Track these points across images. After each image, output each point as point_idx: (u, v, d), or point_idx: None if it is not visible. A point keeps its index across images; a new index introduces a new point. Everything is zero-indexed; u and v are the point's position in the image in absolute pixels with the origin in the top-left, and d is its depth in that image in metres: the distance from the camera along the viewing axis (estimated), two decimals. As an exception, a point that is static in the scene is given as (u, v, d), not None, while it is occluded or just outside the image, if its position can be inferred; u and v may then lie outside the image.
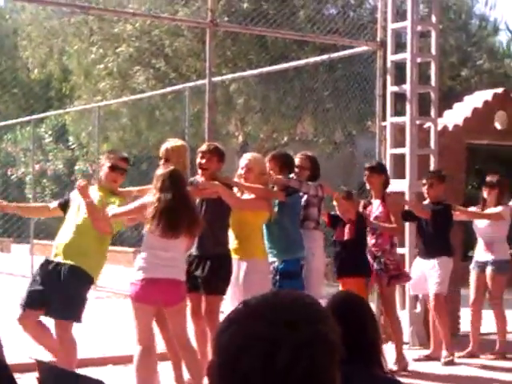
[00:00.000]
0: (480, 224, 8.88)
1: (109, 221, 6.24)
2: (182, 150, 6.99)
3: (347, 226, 7.80)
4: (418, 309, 9.37)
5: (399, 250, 8.72)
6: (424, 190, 8.53)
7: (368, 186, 8.35)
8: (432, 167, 9.37)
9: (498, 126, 10.39)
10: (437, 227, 8.29)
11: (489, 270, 8.73)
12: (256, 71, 13.10)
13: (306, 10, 14.90)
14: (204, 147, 7.08)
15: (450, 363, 8.27)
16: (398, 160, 9.45)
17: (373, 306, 8.02)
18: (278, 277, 7.05)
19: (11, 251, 21.83)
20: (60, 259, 6.32)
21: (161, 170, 6.18)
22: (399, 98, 9.89)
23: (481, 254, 8.86)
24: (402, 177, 9.25)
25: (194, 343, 6.87)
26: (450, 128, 10.11)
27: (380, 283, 8.06)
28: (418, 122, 9.51)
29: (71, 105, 19.24)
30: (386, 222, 8.00)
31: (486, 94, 10.61)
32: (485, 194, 8.84)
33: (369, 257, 8.00)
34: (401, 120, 9.56)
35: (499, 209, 8.71)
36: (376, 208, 8.09)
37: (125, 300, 6.43)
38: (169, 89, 14.26)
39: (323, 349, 1.38)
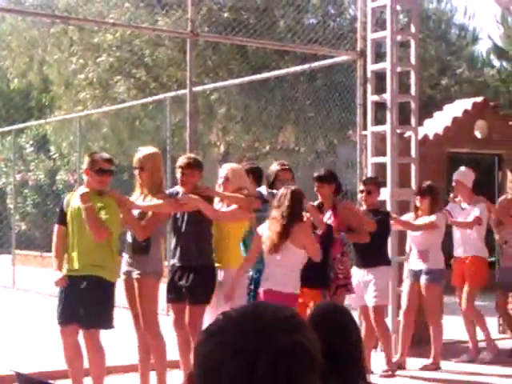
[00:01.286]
0: (414, 232, 8.68)
1: (104, 226, 6.37)
2: (155, 157, 6.97)
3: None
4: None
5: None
6: (360, 198, 8.37)
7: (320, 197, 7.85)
8: (413, 176, 9.42)
9: (477, 134, 10.46)
10: (376, 236, 7.87)
11: (423, 279, 8.48)
12: (237, 81, 13.12)
13: (286, 19, 14.95)
14: (182, 161, 7.02)
15: (389, 376, 8.07)
16: (380, 169, 9.48)
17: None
18: (252, 286, 7.04)
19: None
20: (80, 271, 6.47)
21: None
22: (380, 107, 9.94)
23: (414, 262, 8.62)
24: (383, 186, 9.29)
25: (177, 354, 6.89)
26: (431, 137, 10.17)
27: (328, 292, 7.62)
28: (398, 131, 9.55)
29: (52, 115, 19.16)
30: (336, 232, 7.67)
31: (466, 103, 10.68)
32: (417, 202, 8.62)
33: None
34: (381, 129, 9.60)
35: (433, 218, 8.43)
36: (328, 218, 7.71)
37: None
38: (150, 98, 14.25)
39: (301, 359, 1.39)
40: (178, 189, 7.11)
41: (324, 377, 1.44)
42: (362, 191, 8.36)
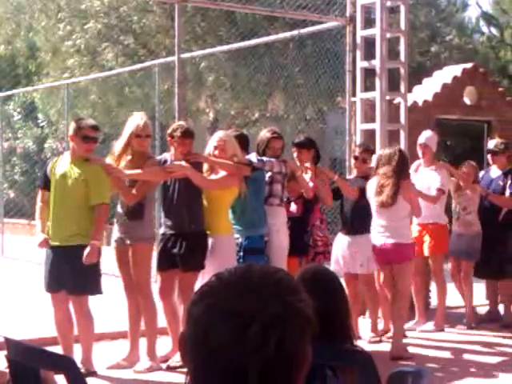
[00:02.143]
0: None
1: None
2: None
3: (293, 205, 7.73)
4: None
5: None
6: (354, 164, 8.31)
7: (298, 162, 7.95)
8: (402, 142, 9.41)
9: (467, 101, 10.45)
10: (361, 203, 7.88)
11: None
12: (225, 47, 13.04)
13: (275, -15, 14.82)
14: (171, 130, 7.00)
15: (376, 342, 8.10)
16: (369, 135, 9.47)
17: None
18: (241, 253, 7.06)
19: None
20: (62, 242, 6.50)
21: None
22: (369, 73, 9.90)
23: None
24: (373, 153, 9.27)
25: (163, 321, 6.93)
26: (420, 103, 10.15)
27: (306, 258, 7.77)
28: (387, 98, 9.53)
29: (39, 82, 19.01)
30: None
31: (456, 70, 10.66)
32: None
33: None
34: (371, 95, 9.58)
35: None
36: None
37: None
38: (138, 65, 14.14)
39: (295, 323, 1.38)
40: (167, 156, 7.10)
41: (312, 340, 1.43)
42: (356, 157, 8.32)
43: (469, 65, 10.79)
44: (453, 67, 11.00)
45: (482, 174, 9.33)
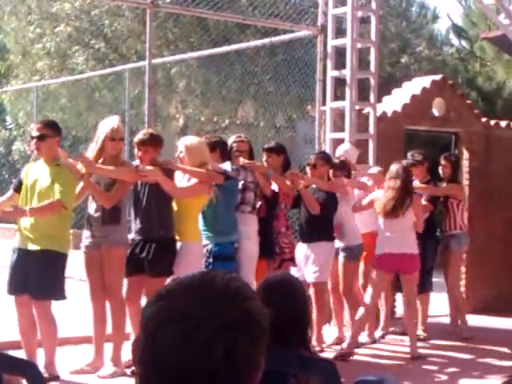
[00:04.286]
0: None
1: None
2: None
3: (260, 203, 7.72)
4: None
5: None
6: (310, 171, 8.21)
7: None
8: (371, 152, 9.46)
9: (435, 112, 10.53)
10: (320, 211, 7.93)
11: (341, 257, 8.34)
12: (197, 53, 13.03)
13: (247, -7, 14.83)
14: (138, 137, 6.98)
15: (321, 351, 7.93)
16: (338, 144, 9.51)
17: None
18: (211, 259, 7.05)
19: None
20: (29, 246, 6.45)
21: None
22: (339, 83, 9.95)
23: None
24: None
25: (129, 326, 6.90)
26: (389, 114, 10.22)
27: (272, 265, 7.71)
28: (357, 108, 9.58)
29: (8, 84, 18.87)
30: (281, 205, 7.84)
31: (425, 81, 10.74)
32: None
33: None
34: (340, 105, 9.62)
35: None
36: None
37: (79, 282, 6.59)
38: (108, 70, 14.09)
39: (247, 332, 1.36)
40: (138, 164, 7.08)
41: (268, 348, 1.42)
42: (308, 164, 8.28)
43: (438, 76, 10.88)
44: (422, 78, 11.09)
45: None
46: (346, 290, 8.39)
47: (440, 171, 9.27)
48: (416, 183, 8.75)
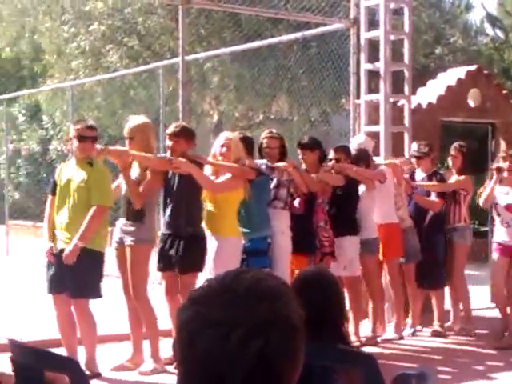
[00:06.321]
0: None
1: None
2: (145, 127, 6.95)
3: (297, 200, 7.70)
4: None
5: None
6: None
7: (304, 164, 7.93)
8: (406, 145, 9.41)
9: (471, 103, 10.44)
10: (343, 205, 7.94)
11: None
12: (230, 49, 13.04)
13: (279, -13, 14.81)
14: (170, 129, 7.03)
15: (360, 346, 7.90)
16: (373, 137, 9.47)
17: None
18: (244, 255, 7.06)
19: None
20: (64, 245, 6.51)
21: None
22: (373, 75, 9.90)
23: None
24: (377, 154, 9.28)
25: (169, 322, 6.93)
26: (424, 105, 10.15)
27: (314, 260, 7.71)
28: (391, 100, 9.53)
29: (44, 84, 19.04)
30: (319, 199, 7.81)
31: (460, 72, 10.65)
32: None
33: None
34: (375, 98, 9.58)
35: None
36: None
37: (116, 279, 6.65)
38: (142, 67, 14.15)
39: (281, 330, 1.38)
40: (169, 156, 7.10)
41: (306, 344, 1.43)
42: (331, 159, 8.23)
43: (473, 67, 10.78)
44: (457, 69, 11.00)
45: (406, 176, 8.90)
46: (368, 284, 8.39)
47: (450, 161, 9.03)
48: (422, 175, 8.72)
